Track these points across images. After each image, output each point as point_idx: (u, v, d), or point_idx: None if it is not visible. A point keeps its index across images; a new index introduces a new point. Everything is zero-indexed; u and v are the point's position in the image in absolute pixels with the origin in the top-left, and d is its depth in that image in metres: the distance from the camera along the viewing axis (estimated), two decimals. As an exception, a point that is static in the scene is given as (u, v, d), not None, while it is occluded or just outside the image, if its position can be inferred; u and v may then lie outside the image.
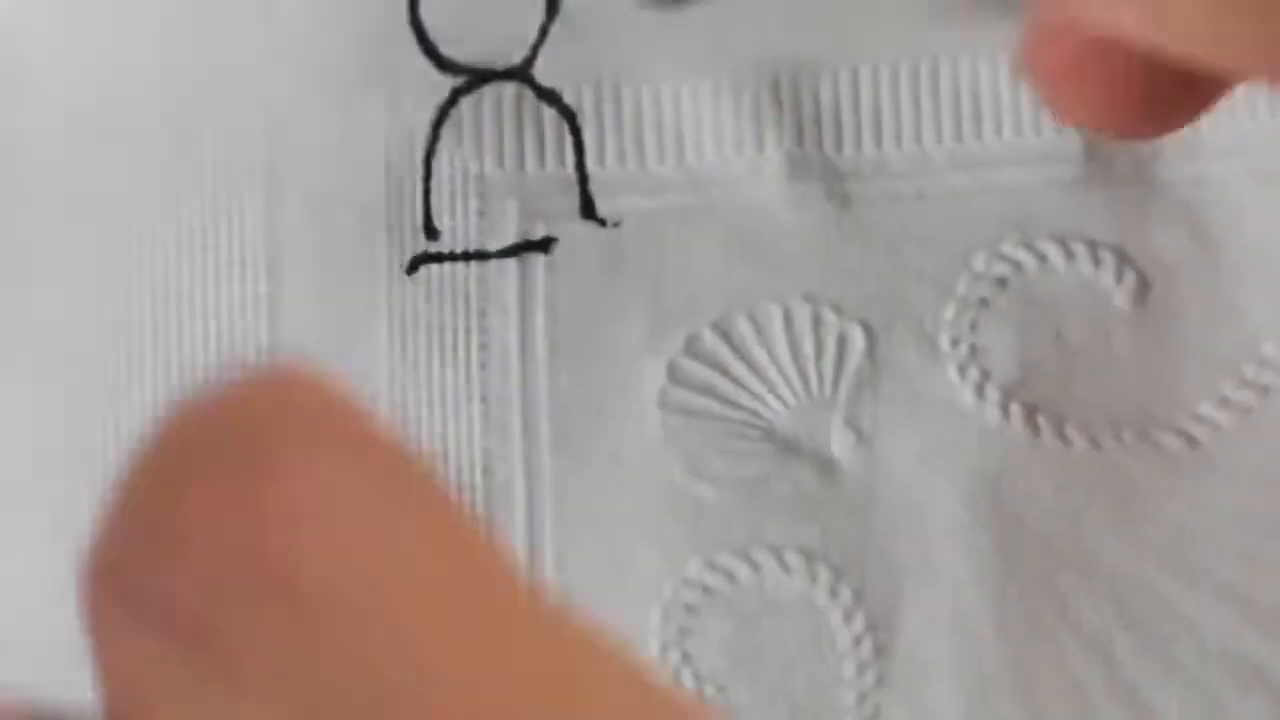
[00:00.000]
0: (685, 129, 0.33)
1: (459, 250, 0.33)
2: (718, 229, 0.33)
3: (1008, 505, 0.32)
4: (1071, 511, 0.32)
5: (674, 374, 0.33)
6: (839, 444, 0.33)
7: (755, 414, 0.33)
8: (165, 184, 0.33)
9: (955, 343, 0.33)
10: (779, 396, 0.33)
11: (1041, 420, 0.33)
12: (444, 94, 0.33)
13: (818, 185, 0.33)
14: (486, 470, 0.33)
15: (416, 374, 0.33)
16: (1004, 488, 0.32)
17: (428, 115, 0.33)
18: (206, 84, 0.33)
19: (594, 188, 0.33)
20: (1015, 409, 0.33)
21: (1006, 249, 0.33)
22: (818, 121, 0.33)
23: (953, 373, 0.33)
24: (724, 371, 0.33)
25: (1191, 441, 0.32)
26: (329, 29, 0.33)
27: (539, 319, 0.33)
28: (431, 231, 0.33)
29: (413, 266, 0.33)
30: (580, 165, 0.33)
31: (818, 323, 0.33)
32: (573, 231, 0.33)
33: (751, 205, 0.33)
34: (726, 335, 0.33)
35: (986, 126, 0.33)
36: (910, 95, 0.33)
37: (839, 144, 0.33)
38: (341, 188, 0.33)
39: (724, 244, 0.33)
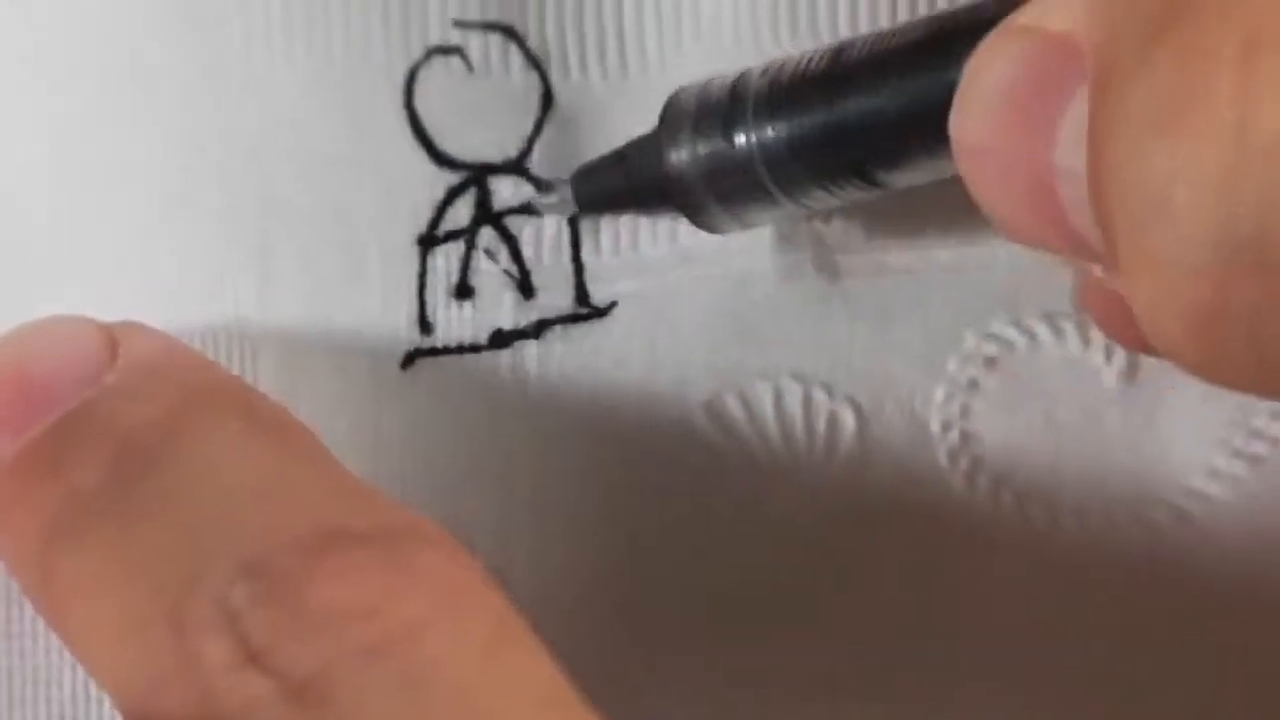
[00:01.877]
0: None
1: (453, 343, 0.33)
2: (707, 305, 0.34)
3: (1002, 592, 0.33)
4: (1063, 592, 0.33)
5: (663, 458, 0.33)
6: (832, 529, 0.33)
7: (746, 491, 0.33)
8: (155, 259, 0.33)
9: (946, 427, 0.33)
10: (769, 476, 0.33)
11: (1032, 509, 0.33)
12: (439, 187, 0.33)
13: (806, 256, 0.33)
14: (498, 545, 0.33)
15: (415, 460, 0.33)
16: (996, 571, 0.33)
17: (423, 208, 0.33)
18: (200, 165, 0.33)
19: (588, 276, 0.34)
20: (1005, 495, 0.33)
21: (996, 328, 0.33)
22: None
23: (943, 458, 0.33)
24: (714, 453, 0.33)
25: (1183, 516, 0.33)
26: (324, 117, 0.33)
27: (531, 407, 0.33)
28: (426, 326, 0.33)
29: (407, 360, 0.33)
30: (576, 255, 0.33)
31: (808, 403, 0.33)
32: (566, 317, 0.34)
33: (741, 278, 0.33)
34: (717, 416, 0.33)
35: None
36: None
37: (827, 215, 0.33)
38: (335, 275, 0.33)
39: (713, 321, 0.34)
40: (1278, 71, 0.19)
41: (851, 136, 0.29)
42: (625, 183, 0.32)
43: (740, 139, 0.30)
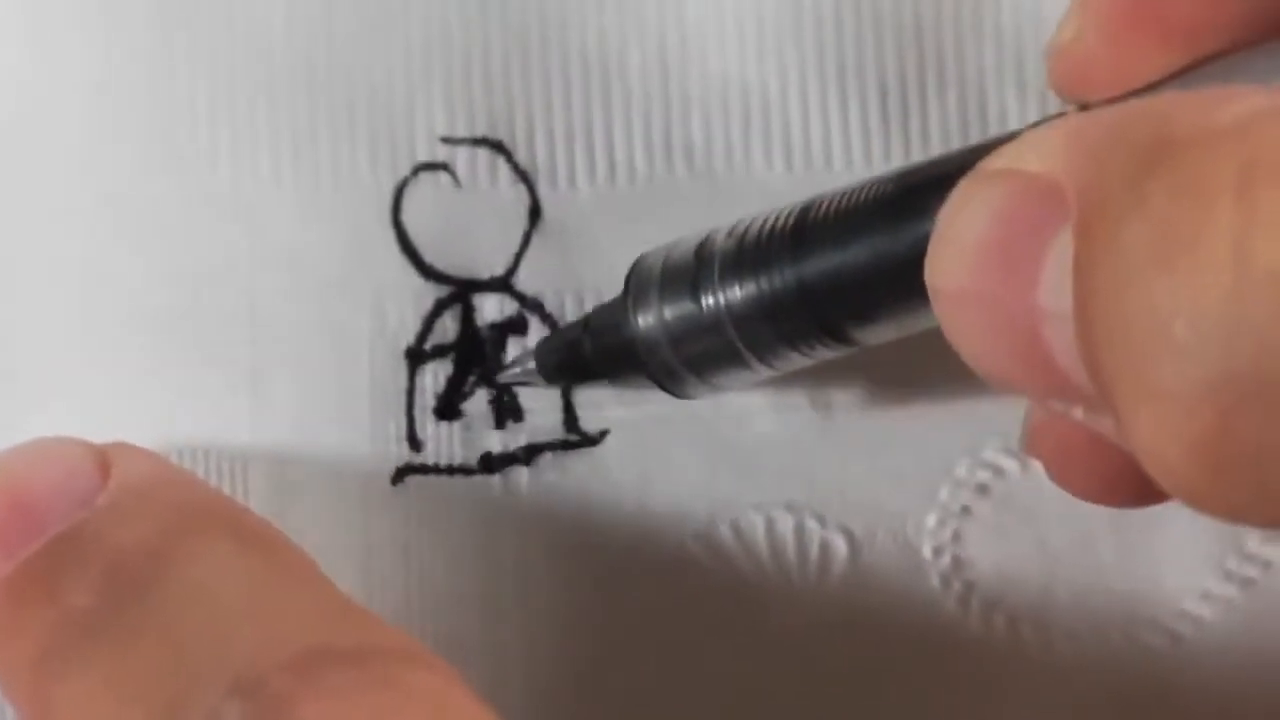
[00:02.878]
0: None
1: (443, 462, 0.33)
2: (700, 437, 0.33)
3: (994, 711, 0.32)
4: (1055, 715, 0.33)
5: (658, 587, 0.33)
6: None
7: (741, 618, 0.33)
8: (147, 380, 0.33)
9: (938, 552, 0.33)
10: (761, 604, 0.33)
11: (1024, 628, 0.33)
12: (427, 301, 0.33)
13: (800, 392, 0.33)
14: (490, 666, 0.33)
15: (406, 577, 0.33)
16: (992, 697, 0.32)
17: (411, 323, 0.33)
18: (191, 289, 0.33)
19: (577, 399, 0.33)
20: (998, 619, 0.33)
21: (988, 455, 0.33)
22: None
23: (936, 582, 0.33)
24: (707, 579, 0.33)
25: (1176, 638, 0.33)
26: (314, 237, 0.33)
27: (523, 533, 0.33)
28: (415, 443, 0.33)
29: (397, 477, 0.33)
30: None
31: (800, 531, 0.33)
32: (556, 444, 0.33)
33: (733, 411, 0.33)
34: (710, 544, 0.33)
35: None
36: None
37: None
38: (326, 391, 0.33)
39: (706, 452, 0.33)
40: (1275, 204, 0.19)
41: (821, 295, 0.28)
42: (592, 352, 0.31)
43: (708, 301, 0.29)
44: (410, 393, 0.33)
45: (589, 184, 0.33)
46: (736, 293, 0.29)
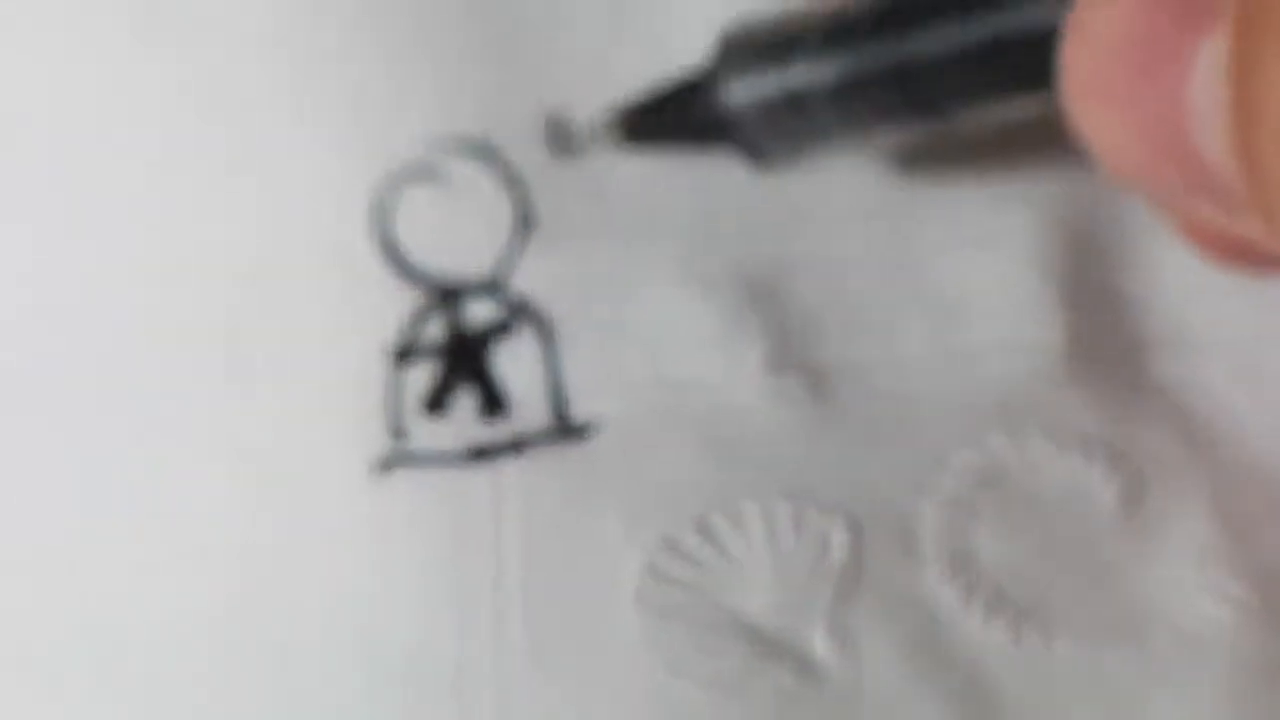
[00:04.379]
0: (662, 335, 0.33)
1: (429, 454, 0.32)
2: (695, 431, 0.32)
3: (994, 715, 0.31)
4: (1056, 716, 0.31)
5: (652, 573, 0.32)
6: (822, 646, 0.31)
7: (736, 614, 0.32)
8: (131, 383, 0.33)
9: (940, 546, 0.32)
10: (760, 594, 0.32)
11: (1026, 627, 0.31)
12: (414, 304, 0.33)
13: (796, 385, 0.32)
14: (458, 675, 0.31)
15: (389, 577, 0.32)
16: (990, 698, 0.31)
17: (396, 327, 0.33)
18: (173, 284, 0.33)
19: (568, 393, 0.33)
20: (1000, 615, 0.31)
21: (991, 445, 0.32)
22: (797, 322, 0.33)
23: (937, 577, 0.32)
24: (703, 570, 0.32)
25: (1182, 638, 0.31)
26: (296, 234, 0.33)
27: (512, 525, 0.32)
28: (400, 433, 0.32)
29: (383, 468, 0.32)
30: (552, 371, 0.33)
31: (799, 522, 0.32)
32: (545, 436, 0.33)
33: (728, 403, 0.32)
34: (706, 533, 0.32)
35: (967, 321, 0.33)
36: (890, 293, 0.33)
37: (819, 344, 0.33)
38: (312, 390, 0.33)
39: (701, 446, 0.32)
40: None
41: (912, 69, 0.28)
42: (675, 118, 0.31)
43: (797, 73, 0.29)
44: (397, 391, 0.33)
45: (579, 180, 0.33)
46: (826, 65, 0.29)
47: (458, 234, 0.33)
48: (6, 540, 0.32)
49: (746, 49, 0.30)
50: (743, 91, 0.30)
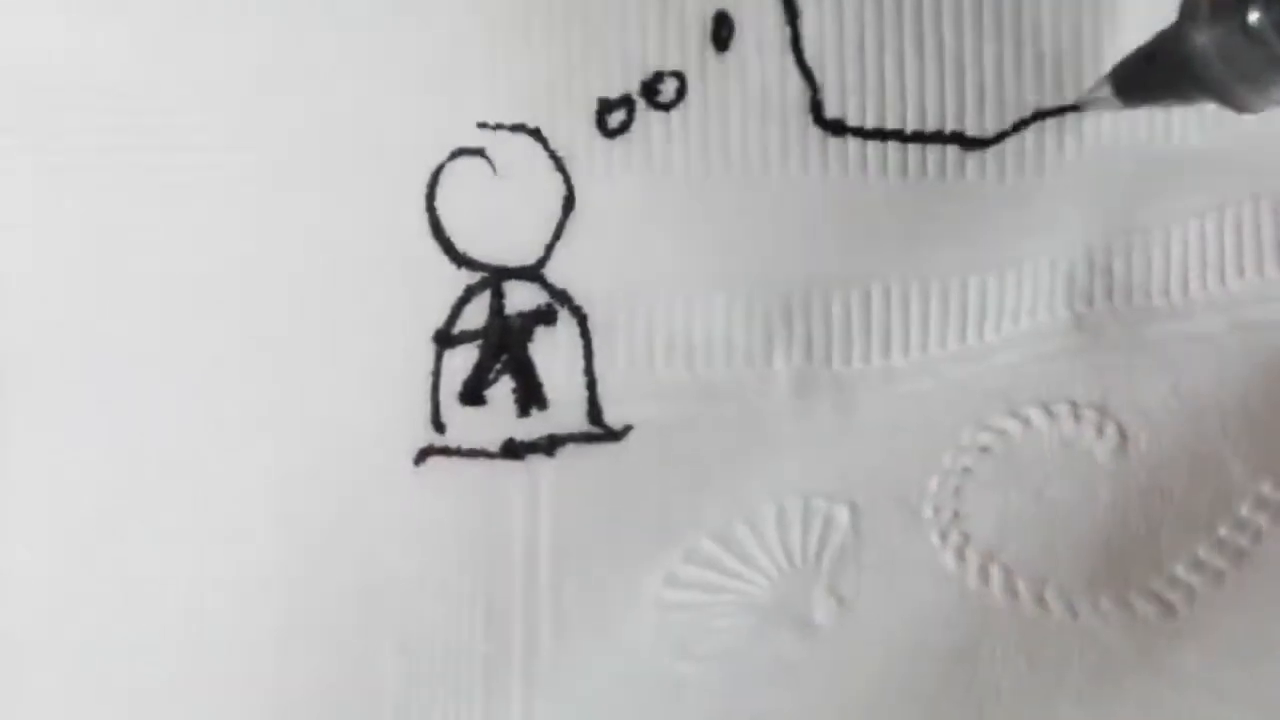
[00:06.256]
0: (696, 338, 0.33)
1: (465, 446, 0.33)
2: (723, 439, 0.33)
3: (985, 677, 0.33)
4: (1046, 684, 0.33)
5: (672, 581, 0.33)
6: (821, 609, 0.33)
7: (742, 594, 0.33)
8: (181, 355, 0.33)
9: (938, 510, 0.33)
10: (765, 574, 0.33)
11: (1021, 585, 0.33)
12: (458, 287, 0.33)
13: (825, 400, 0.33)
14: (487, 668, 0.33)
15: (421, 566, 0.33)
16: (982, 659, 0.33)
17: (441, 309, 0.33)
18: (229, 267, 0.33)
19: (603, 392, 0.33)
20: (995, 572, 0.33)
21: (993, 420, 0.33)
22: (828, 337, 0.33)
23: (934, 537, 0.33)
24: (718, 568, 0.33)
25: (1166, 607, 0.33)
26: (347, 217, 0.33)
27: (543, 523, 0.33)
28: (439, 425, 0.33)
29: (420, 458, 0.33)
30: (589, 369, 0.33)
31: (807, 510, 0.33)
32: (580, 436, 0.34)
33: (757, 416, 0.33)
34: (726, 542, 0.33)
35: (988, 327, 0.34)
36: (920, 310, 0.34)
37: (848, 358, 0.33)
38: (355, 373, 0.33)
39: (728, 454, 0.33)
40: None
41: None
42: (1156, 71, 0.31)
43: (1255, 17, 0.29)
44: (436, 375, 0.33)
45: (625, 174, 0.33)
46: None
47: (504, 219, 0.33)
48: (60, 516, 0.33)
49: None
50: (1204, 39, 0.30)
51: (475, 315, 0.33)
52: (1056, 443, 0.33)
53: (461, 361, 0.33)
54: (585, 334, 0.33)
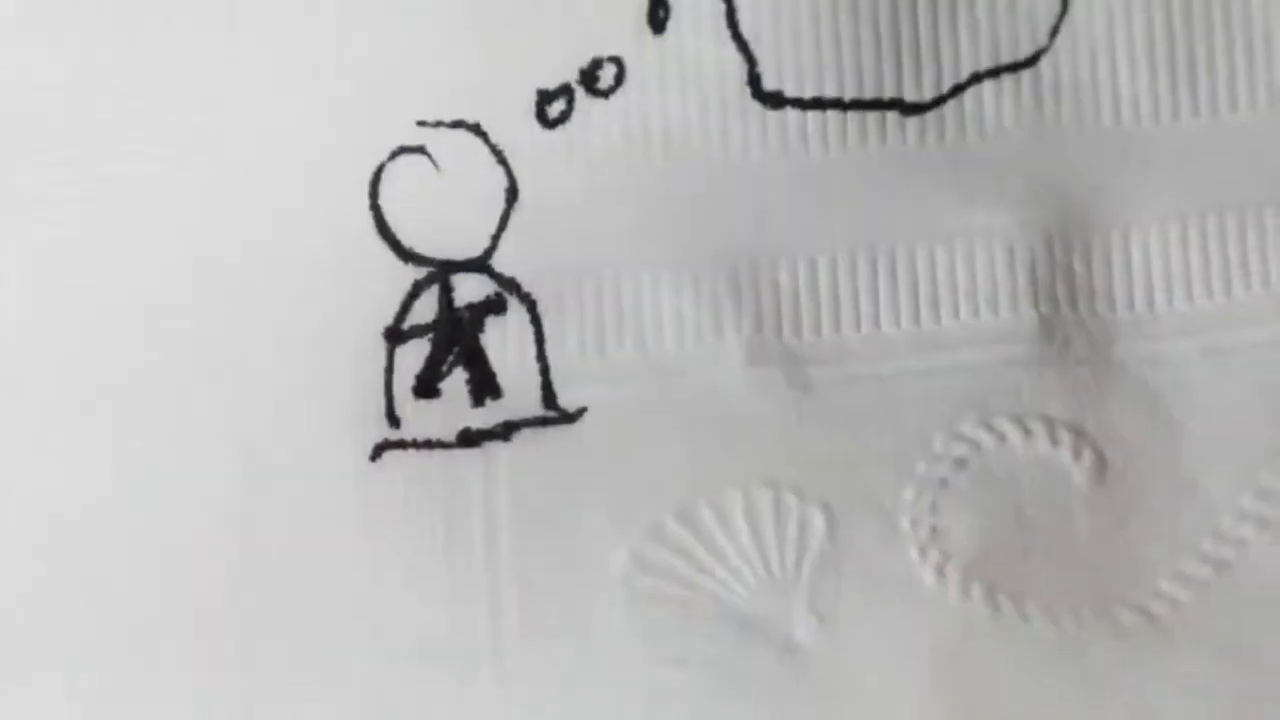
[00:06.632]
0: (646, 317, 0.33)
1: (421, 438, 0.33)
2: (679, 418, 0.33)
3: (970, 689, 0.32)
4: (1031, 693, 0.32)
5: (638, 560, 0.33)
6: (801, 626, 0.33)
7: (717, 597, 0.33)
8: (126, 371, 0.33)
9: (915, 523, 0.33)
10: (740, 579, 0.33)
11: (1002, 599, 0.33)
12: (406, 282, 0.33)
13: (777, 371, 0.33)
14: (456, 653, 0.32)
15: (384, 561, 0.33)
16: (966, 670, 0.32)
17: (390, 305, 0.33)
18: (175, 275, 0.33)
19: (556, 377, 0.33)
20: (976, 589, 0.33)
21: (965, 429, 0.33)
22: (777, 309, 0.33)
23: (913, 553, 0.33)
24: (687, 556, 0.33)
25: (1150, 618, 0.33)
26: (292, 218, 0.33)
27: (503, 508, 0.33)
28: (394, 419, 0.33)
29: (376, 453, 0.33)
30: (541, 354, 0.33)
31: (779, 506, 0.33)
32: (535, 420, 0.33)
33: (712, 392, 0.33)
34: (689, 521, 0.33)
35: (944, 310, 0.33)
36: (868, 282, 0.33)
37: (798, 330, 0.33)
38: (307, 376, 0.33)
39: (685, 432, 0.33)
40: None
41: None
42: None
43: None
44: (389, 371, 0.33)
45: (568, 162, 0.33)
46: None
47: (448, 214, 0.33)
48: (19, 524, 0.33)
49: None
50: None
51: (425, 310, 0.33)
52: (1032, 462, 0.33)
53: (414, 356, 0.33)
54: (536, 320, 0.33)
